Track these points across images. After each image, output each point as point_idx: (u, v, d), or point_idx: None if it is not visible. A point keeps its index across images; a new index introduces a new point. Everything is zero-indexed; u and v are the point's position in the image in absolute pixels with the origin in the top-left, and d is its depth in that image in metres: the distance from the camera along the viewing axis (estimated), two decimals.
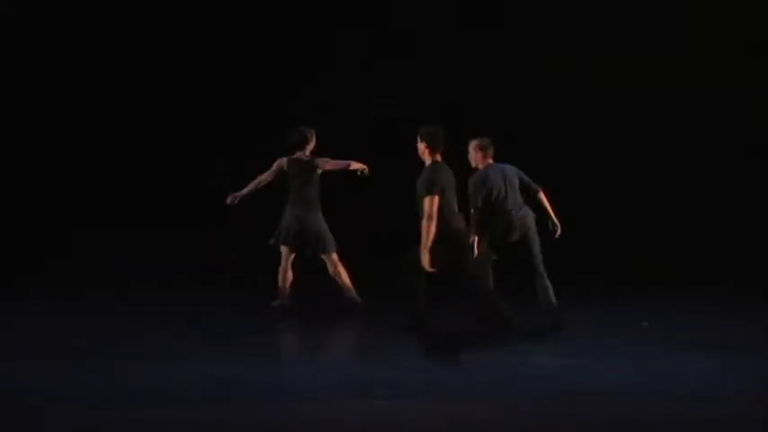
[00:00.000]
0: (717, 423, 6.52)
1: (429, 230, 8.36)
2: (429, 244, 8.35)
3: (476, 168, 9.21)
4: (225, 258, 12.03)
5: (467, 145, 9.21)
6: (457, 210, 8.68)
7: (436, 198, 8.40)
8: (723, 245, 11.90)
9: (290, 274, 9.96)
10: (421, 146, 8.65)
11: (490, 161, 9.22)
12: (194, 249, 12.02)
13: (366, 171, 9.81)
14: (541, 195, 9.28)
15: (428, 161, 8.63)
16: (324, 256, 9.91)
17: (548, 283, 9.09)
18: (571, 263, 11.45)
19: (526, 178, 9.26)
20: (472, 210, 9.00)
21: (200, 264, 11.80)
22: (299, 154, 9.96)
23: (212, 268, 11.80)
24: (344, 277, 9.91)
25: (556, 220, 9.26)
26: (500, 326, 8.62)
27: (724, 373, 7.60)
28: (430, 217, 8.37)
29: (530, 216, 9.16)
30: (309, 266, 10.13)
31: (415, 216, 8.62)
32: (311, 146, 9.98)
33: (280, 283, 9.97)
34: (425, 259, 8.36)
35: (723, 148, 12.23)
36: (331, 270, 9.93)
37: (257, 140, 12.20)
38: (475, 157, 9.22)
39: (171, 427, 6.53)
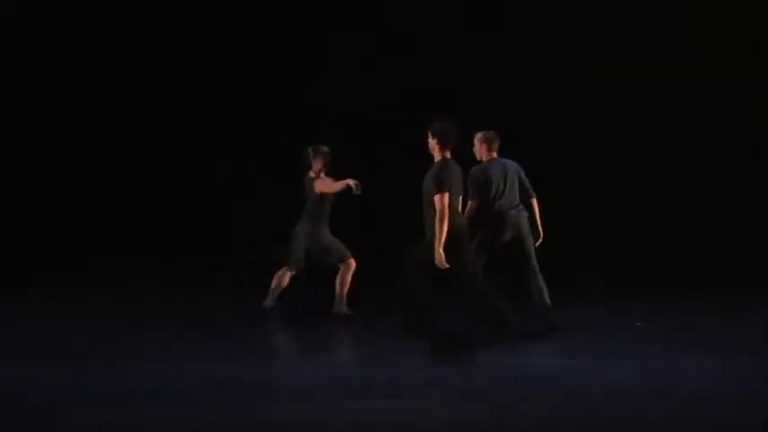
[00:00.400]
0: (717, 423, 6.52)
1: (442, 228, 8.39)
2: (442, 241, 8.38)
3: (480, 161, 9.19)
4: (225, 258, 12.01)
5: (467, 144, 9.18)
6: (459, 208, 8.69)
7: (446, 196, 8.43)
8: (723, 245, 11.91)
9: (286, 281, 9.94)
10: (432, 142, 8.66)
11: (494, 155, 9.18)
12: (194, 249, 12.02)
13: (359, 187, 9.66)
14: (534, 202, 9.23)
15: (438, 157, 8.65)
16: (341, 265, 9.87)
17: (542, 283, 9.06)
18: (571, 263, 11.48)
19: (526, 181, 9.22)
20: (469, 202, 8.96)
21: (201, 264, 11.79)
22: (310, 172, 9.96)
23: (212, 268, 11.80)
24: (344, 287, 9.88)
25: (540, 231, 9.21)
26: (497, 326, 8.62)
27: (724, 373, 7.60)
28: (442, 215, 8.40)
29: (523, 215, 9.12)
30: (308, 266, 10.13)
31: (416, 214, 8.61)
32: (316, 165, 9.88)
33: (273, 285, 9.96)
34: (439, 257, 8.37)
35: (723, 148, 12.23)
36: (340, 277, 9.86)
37: (257, 140, 12.22)
38: (480, 149, 9.18)
39: (171, 427, 6.52)
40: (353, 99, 12.28)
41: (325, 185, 9.84)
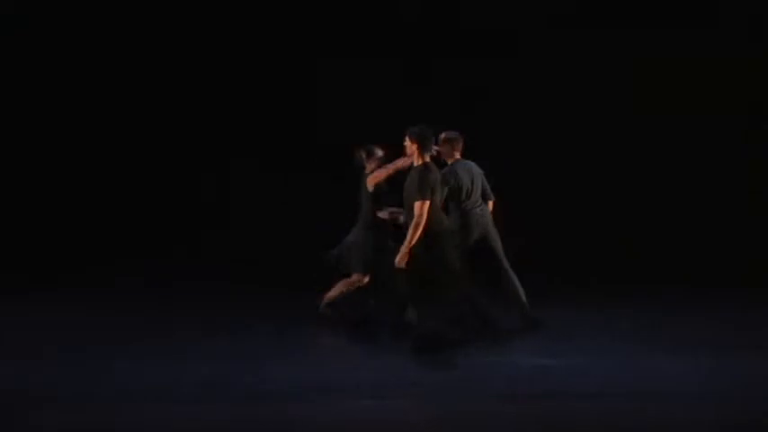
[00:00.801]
0: (716, 423, 6.54)
1: (415, 234, 8.26)
2: (410, 246, 8.27)
3: (444, 162, 9.11)
4: (223, 258, 12.00)
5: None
6: (442, 209, 8.65)
7: (427, 203, 8.30)
8: (721, 245, 11.89)
9: (353, 288, 9.42)
10: (412, 147, 8.52)
11: (458, 155, 9.16)
12: (195, 249, 12.03)
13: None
14: (491, 205, 9.25)
15: (418, 162, 8.52)
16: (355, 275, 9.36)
17: (514, 278, 9.06)
18: (566, 262, 11.48)
19: (486, 183, 9.23)
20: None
21: (201, 264, 11.80)
22: (365, 171, 9.46)
23: (212, 268, 11.81)
24: (337, 294, 9.49)
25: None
26: (484, 326, 8.62)
27: (721, 373, 7.61)
28: (419, 221, 8.26)
29: (488, 213, 9.15)
30: (303, 267, 10.11)
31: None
32: (371, 166, 9.30)
33: (335, 292, 9.48)
34: (402, 258, 8.29)
35: (722, 145, 12.22)
36: (341, 284, 9.44)
37: (257, 141, 12.23)
38: (443, 150, 9.10)
39: (171, 427, 6.55)
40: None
41: (379, 173, 9.17)
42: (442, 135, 9.12)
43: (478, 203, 9.12)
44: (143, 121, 12.35)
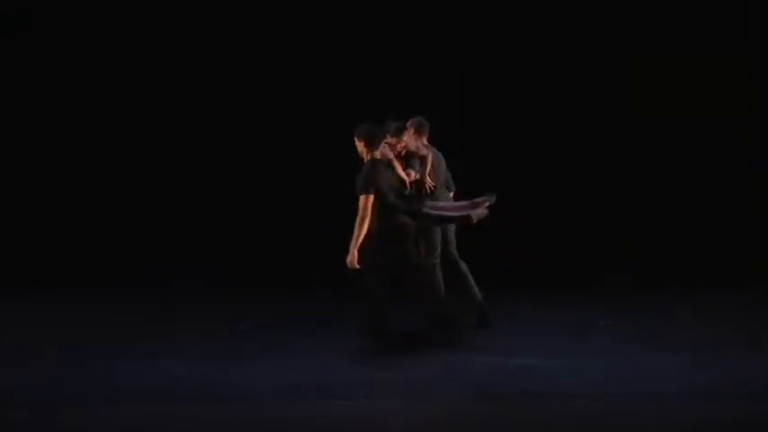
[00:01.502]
0: (716, 423, 6.54)
1: (361, 229, 8.31)
2: (359, 242, 8.30)
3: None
4: (228, 259, 11.99)
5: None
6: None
7: (370, 197, 8.36)
8: (721, 245, 11.88)
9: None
10: (360, 144, 8.64)
11: (424, 141, 9.19)
12: (195, 249, 12.02)
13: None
14: (451, 195, 9.27)
15: (367, 158, 8.61)
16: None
17: (466, 270, 9.04)
18: (566, 262, 11.48)
19: (449, 173, 9.24)
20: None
21: (201, 264, 11.80)
22: None
23: (212, 268, 11.81)
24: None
25: None
26: (450, 324, 8.61)
27: (721, 373, 7.61)
28: (364, 215, 8.33)
29: (445, 197, 9.15)
30: (303, 267, 10.11)
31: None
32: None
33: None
34: (353, 257, 8.29)
35: (722, 145, 12.21)
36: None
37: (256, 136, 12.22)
38: (409, 137, 9.09)
39: (171, 427, 6.56)
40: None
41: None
42: (409, 121, 9.10)
43: (440, 191, 9.11)
44: (143, 121, 12.33)
